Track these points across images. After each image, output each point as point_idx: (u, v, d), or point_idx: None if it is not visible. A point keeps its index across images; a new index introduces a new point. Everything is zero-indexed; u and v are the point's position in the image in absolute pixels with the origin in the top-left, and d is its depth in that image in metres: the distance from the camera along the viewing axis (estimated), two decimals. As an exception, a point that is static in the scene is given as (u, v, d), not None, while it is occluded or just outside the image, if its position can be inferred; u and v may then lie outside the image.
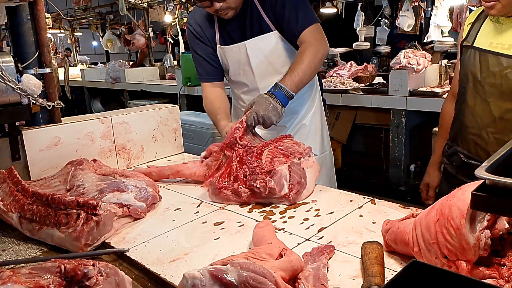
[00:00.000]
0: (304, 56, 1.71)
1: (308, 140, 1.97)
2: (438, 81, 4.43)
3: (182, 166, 1.69)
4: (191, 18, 1.98)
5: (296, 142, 1.55)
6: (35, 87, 1.55)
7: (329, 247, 1.05)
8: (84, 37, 11.80)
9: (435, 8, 4.60)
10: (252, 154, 1.43)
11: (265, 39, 1.83)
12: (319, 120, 2.06)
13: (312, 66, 1.73)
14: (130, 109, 2.12)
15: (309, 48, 1.73)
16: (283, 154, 1.45)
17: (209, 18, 1.90)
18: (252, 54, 1.85)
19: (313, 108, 2.04)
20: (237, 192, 1.39)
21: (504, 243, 0.87)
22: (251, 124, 1.56)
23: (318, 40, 1.77)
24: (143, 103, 5.60)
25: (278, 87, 1.63)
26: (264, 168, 1.37)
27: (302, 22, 1.76)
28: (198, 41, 1.93)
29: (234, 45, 1.87)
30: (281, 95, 1.61)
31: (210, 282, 0.78)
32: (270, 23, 1.81)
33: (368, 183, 4.46)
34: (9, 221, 1.27)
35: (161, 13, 7.56)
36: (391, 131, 4.07)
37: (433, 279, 0.66)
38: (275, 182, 1.35)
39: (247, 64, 1.88)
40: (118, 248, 1.15)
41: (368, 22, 6.08)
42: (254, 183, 1.36)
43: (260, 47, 1.84)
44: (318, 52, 1.75)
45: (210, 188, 1.44)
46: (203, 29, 1.91)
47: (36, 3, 1.61)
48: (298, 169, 1.43)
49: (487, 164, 0.67)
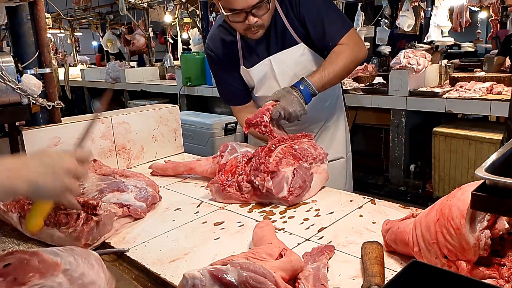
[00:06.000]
0: (340, 58, 1.60)
1: (334, 144, 1.95)
2: (438, 81, 4.44)
3: (195, 163, 1.71)
4: (211, 43, 1.84)
5: (313, 145, 1.50)
6: (35, 87, 1.55)
7: (329, 247, 1.05)
8: (84, 37, 11.80)
9: (435, 8, 4.61)
10: (264, 148, 1.42)
11: (290, 52, 1.73)
12: (343, 122, 2.01)
13: (346, 70, 1.63)
14: (130, 109, 2.12)
15: (347, 51, 1.61)
16: (294, 156, 1.42)
17: (231, 42, 1.79)
18: (277, 68, 1.76)
19: (337, 110, 1.98)
20: (240, 186, 1.40)
21: (504, 243, 0.87)
22: (276, 118, 1.51)
23: (357, 44, 1.66)
24: (143, 103, 5.60)
25: (305, 83, 1.54)
26: (269, 167, 1.36)
27: (337, 32, 1.65)
28: (223, 67, 1.85)
29: (259, 63, 1.77)
30: (307, 92, 1.53)
31: (210, 282, 0.78)
32: (295, 36, 1.71)
33: (368, 183, 4.46)
34: (9, 221, 1.27)
35: (161, 13, 7.58)
36: (391, 131, 4.07)
37: (433, 279, 0.66)
38: (273, 183, 1.35)
39: (273, 78, 1.79)
40: (118, 248, 1.15)
41: (368, 22, 6.09)
42: (254, 179, 1.37)
43: (285, 60, 1.75)
44: (356, 58, 1.65)
45: (213, 187, 1.44)
46: (228, 56, 1.81)
47: (36, 3, 1.61)
48: (305, 173, 1.40)
49: (487, 164, 0.67)
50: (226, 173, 1.46)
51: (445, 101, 3.67)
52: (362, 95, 4.22)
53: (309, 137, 1.54)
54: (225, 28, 1.78)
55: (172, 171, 1.75)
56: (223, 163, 1.51)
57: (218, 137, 4.13)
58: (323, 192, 1.49)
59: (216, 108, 5.68)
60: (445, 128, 3.74)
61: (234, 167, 1.47)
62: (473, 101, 3.57)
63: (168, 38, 8.12)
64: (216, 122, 4.17)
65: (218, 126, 4.14)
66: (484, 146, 3.43)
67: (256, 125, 1.49)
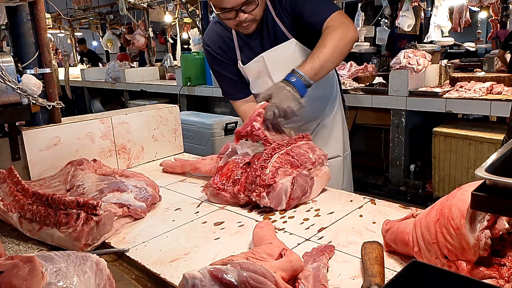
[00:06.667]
0: (327, 40, 1.52)
1: (331, 142, 1.94)
2: (438, 81, 4.44)
3: (200, 162, 1.72)
4: (208, 39, 1.85)
5: (311, 147, 1.45)
6: (35, 87, 1.55)
7: (329, 247, 1.05)
8: (84, 37, 11.80)
9: (435, 8, 4.61)
10: (260, 157, 1.36)
11: (282, 48, 1.72)
12: (340, 121, 1.99)
13: (336, 51, 1.52)
14: (130, 109, 2.12)
15: (333, 32, 1.53)
16: (291, 164, 1.35)
17: (228, 39, 1.80)
18: (270, 65, 1.75)
19: (334, 109, 1.96)
20: (236, 197, 1.37)
21: (504, 243, 0.87)
22: (271, 119, 1.44)
23: (344, 23, 1.57)
24: (143, 103, 5.60)
25: (296, 74, 1.45)
26: (265, 181, 1.29)
27: (324, 12, 1.60)
28: (220, 61, 1.84)
29: (252, 60, 1.78)
30: (299, 84, 1.44)
31: (210, 282, 0.78)
32: (286, 31, 1.70)
33: (368, 183, 4.46)
34: (9, 221, 1.27)
35: (161, 13, 7.58)
36: (391, 131, 4.07)
37: (433, 279, 0.66)
38: (270, 199, 1.29)
39: (267, 75, 1.79)
40: (118, 248, 1.15)
41: (368, 22, 6.10)
42: (251, 195, 1.33)
43: (278, 56, 1.73)
44: (344, 36, 1.54)
45: (208, 190, 1.43)
46: (223, 50, 1.82)
47: (36, 3, 1.61)
48: (305, 181, 1.36)
49: (487, 164, 0.67)
50: (222, 176, 1.43)
51: (445, 101, 3.67)
52: (362, 95, 4.22)
53: (306, 138, 1.49)
54: (221, 24, 1.79)
55: (180, 169, 1.79)
56: (221, 165, 1.48)
57: (218, 137, 4.13)
58: (323, 192, 1.49)
59: (216, 108, 5.68)
60: (445, 128, 3.74)
61: (230, 170, 1.43)
62: (473, 101, 3.57)
63: (168, 38, 8.12)
64: (216, 122, 4.17)
65: (218, 126, 4.14)
66: (484, 146, 3.43)
67: (248, 135, 1.43)
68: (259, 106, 1.46)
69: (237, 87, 1.89)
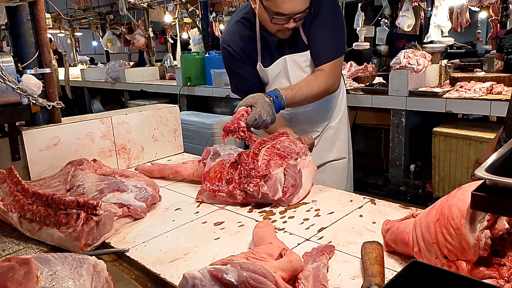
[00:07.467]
0: (317, 85, 1.69)
1: (337, 143, 1.98)
2: (438, 81, 4.44)
3: (181, 166, 1.69)
4: (229, 38, 1.87)
5: (292, 141, 1.53)
6: (35, 87, 1.55)
7: (329, 247, 1.05)
8: (84, 37, 11.79)
9: (435, 8, 4.60)
10: (249, 154, 1.42)
11: (304, 55, 1.80)
12: (345, 122, 2.04)
13: (316, 98, 1.73)
14: (130, 109, 2.12)
15: (323, 81, 1.71)
16: (280, 156, 1.44)
17: (249, 38, 1.83)
18: (291, 68, 1.82)
19: (341, 110, 2.02)
20: (232, 195, 1.39)
21: (504, 243, 0.87)
22: (250, 124, 1.53)
23: (335, 77, 1.75)
24: (143, 103, 5.60)
25: (279, 95, 1.60)
26: (260, 172, 1.36)
27: (328, 55, 1.73)
28: (239, 62, 1.87)
29: (275, 62, 1.83)
30: (279, 103, 1.59)
31: (210, 282, 0.78)
32: (306, 40, 1.77)
33: (368, 183, 4.46)
34: (9, 221, 1.27)
35: (161, 13, 7.58)
36: (391, 131, 4.07)
37: (433, 279, 0.66)
38: (268, 187, 1.34)
39: (285, 77, 1.84)
40: (118, 248, 1.15)
41: (368, 22, 6.09)
42: (248, 186, 1.35)
43: (299, 62, 1.81)
44: (328, 90, 1.74)
45: (204, 196, 1.45)
46: (245, 51, 1.85)
47: (36, 3, 1.61)
48: (294, 172, 1.42)
49: (487, 164, 0.67)
50: (211, 180, 1.45)
51: (445, 101, 3.67)
52: (362, 95, 4.22)
53: (285, 134, 1.57)
54: (243, 24, 1.83)
55: (158, 174, 1.73)
56: (207, 171, 1.49)
57: (218, 137, 4.13)
58: (323, 192, 1.49)
59: (216, 108, 5.68)
60: (445, 128, 3.74)
61: (218, 172, 1.46)
62: (473, 101, 3.57)
63: (168, 38, 8.12)
64: (216, 122, 4.17)
65: (218, 126, 4.14)
66: (484, 146, 3.42)
67: (234, 131, 1.50)
68: (242, 109, 1.54)
69: (249, 86, 1.92)
